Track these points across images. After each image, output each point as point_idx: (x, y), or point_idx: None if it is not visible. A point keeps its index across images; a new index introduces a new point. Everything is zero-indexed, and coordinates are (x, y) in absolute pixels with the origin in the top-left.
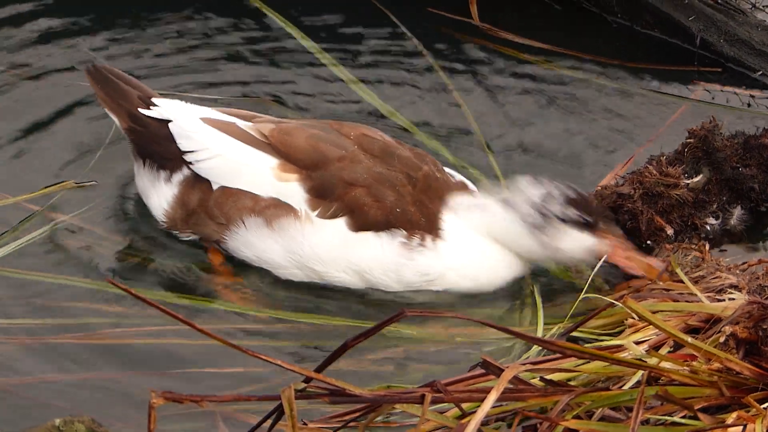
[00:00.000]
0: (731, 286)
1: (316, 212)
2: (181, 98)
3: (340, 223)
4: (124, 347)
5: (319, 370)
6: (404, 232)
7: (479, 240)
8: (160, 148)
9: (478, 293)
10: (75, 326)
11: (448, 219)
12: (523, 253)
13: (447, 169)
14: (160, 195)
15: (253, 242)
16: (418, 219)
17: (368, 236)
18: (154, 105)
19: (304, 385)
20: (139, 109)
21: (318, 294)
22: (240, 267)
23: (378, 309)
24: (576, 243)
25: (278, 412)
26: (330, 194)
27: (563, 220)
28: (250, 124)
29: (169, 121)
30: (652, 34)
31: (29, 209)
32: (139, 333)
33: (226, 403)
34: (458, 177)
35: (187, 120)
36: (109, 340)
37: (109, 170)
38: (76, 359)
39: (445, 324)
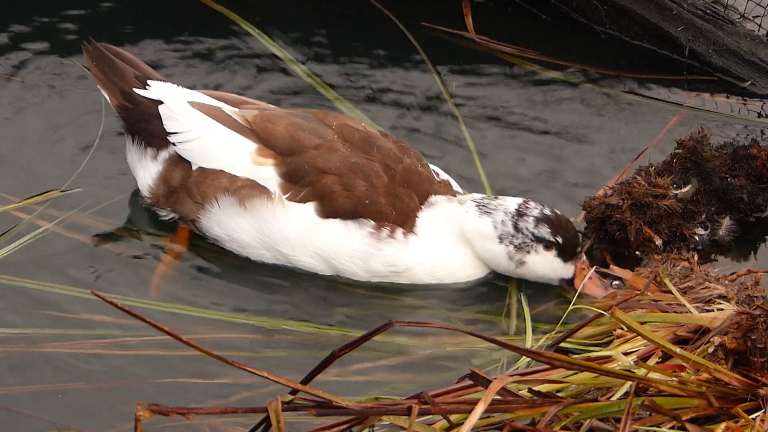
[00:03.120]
0: (720, 297)
1: (287, 195)
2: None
3: (309, 208)
4: (110, 357)
5: (305, 381)
6: (373, 223)
7: (450, 240)
8: (148, 127)
9: (438, 288)
10: (61, 336)
11: (423, 216)
12: (489, 261)
13: (433, 167)
14: (146, 171)
15: (224, 220)
16: (389, 211)
17: (335, 223)
18: (148, 85)
19: (291, 397)
20: (134, 89)
21: (304, 303)
22: (225, 272)
23: (366, 318)
24: (542, 263)
25: (265, 424)
26: (301, 180)
27: (534, 237)
28: (236, 109)
29: (160, 102)
30: (641, 45)
31: (17, 217)
32: (126, 343)
33: (212, 415)
34: (443, 176)
35: (175, 102)
36: (96, 351)
37: (94, 176)
38: (63, 370)
39: (433, 334)
